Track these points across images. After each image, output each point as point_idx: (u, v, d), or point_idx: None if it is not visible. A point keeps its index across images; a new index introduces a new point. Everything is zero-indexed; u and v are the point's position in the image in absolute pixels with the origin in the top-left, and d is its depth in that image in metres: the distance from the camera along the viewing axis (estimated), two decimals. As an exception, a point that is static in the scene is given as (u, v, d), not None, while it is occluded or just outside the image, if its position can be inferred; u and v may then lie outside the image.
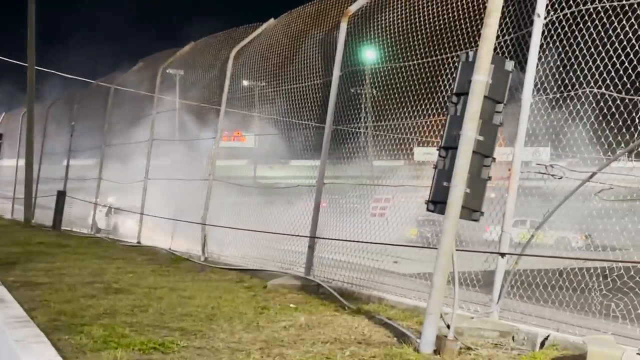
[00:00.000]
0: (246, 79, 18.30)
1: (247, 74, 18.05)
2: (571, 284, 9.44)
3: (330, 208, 13.49)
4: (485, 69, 8.19)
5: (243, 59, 17.59)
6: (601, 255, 9.13)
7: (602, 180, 8.82)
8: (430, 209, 8.47)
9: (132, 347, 7.61)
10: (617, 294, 8.78)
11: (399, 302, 10.64)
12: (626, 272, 8.69)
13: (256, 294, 11.60)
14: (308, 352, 7.75)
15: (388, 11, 12.99)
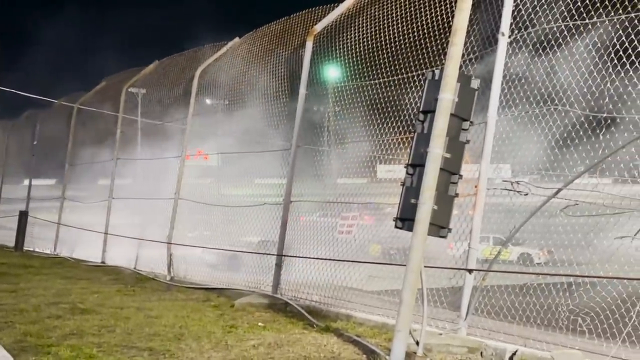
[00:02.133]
0: (212, 98, 18.22)
1: (213, 92, 17.97)
2: (538, 299, 9.49)
3: (296, 225, 13.42)
4: (451, 87, 8.25)
5: (208, 78, 17.54)
6: (568, 271, 9.19)
7: (568, 197, 8.89)
8: (399, 226, 8.47)
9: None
10: (583, 309, 8.85)
11: (367, 319, 10.63)
12: (592, 287, 8.76)
13: (224, 313, 11.52)
14: (278, 371, 7.74)
15: (353, 30, 13.06)
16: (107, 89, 24.10)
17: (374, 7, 12.66)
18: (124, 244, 19.81)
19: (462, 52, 8.43)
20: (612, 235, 8.24)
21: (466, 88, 8.42)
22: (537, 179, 10.22)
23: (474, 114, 8.62)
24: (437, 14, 11.18)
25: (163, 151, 20.91)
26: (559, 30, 9.33)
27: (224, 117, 18.23)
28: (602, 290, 8.80)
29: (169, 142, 20.26)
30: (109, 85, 24.04)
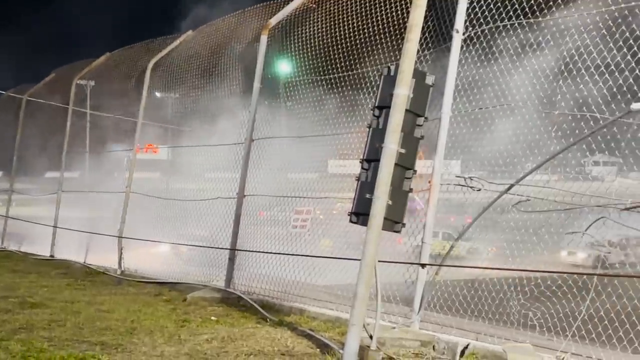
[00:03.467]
0: (164, 91, 18.08)
1: (166, 85, 17.84)
2: (490, 293, 9.60)
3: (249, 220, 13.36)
4: (406, 83, 8.28)
5: (161, 71, 17.39)
6: (520, 266, 9.30)
7: (519, 193, 9.00)
8: (354, 221, 8.48)
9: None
10: (534, 303, 8.97)
11: (320, 314, 10.65)
12: (543, 281, 8.89)
13: (176, 307, 11.44)
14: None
15: (309, 24, 13.07)
16: (56, 80, 23.69)
17: (329, 2, 12.69)
18: (73, 237, 19.56)
19: (417, 49, 8.47)
20: (562, 230, 8.37)
21: (421, 84, 8.46)
22: (488, 175, 10.32)
23: (428, 110, 8.69)
24: (393, 9, 11.25)
25: (114, 144, 20.72)
26: (512, 28, 9.43)
27: (177, 110, 18.12)
28: (553, 285, 8.93)
29: (120, 135, 20.08)
30: (58, 77, 23.63)
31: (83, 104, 22.30)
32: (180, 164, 20.95)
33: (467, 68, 9.81)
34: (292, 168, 14.00)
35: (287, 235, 12.88)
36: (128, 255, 16.56)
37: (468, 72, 9.89)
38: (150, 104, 17.91)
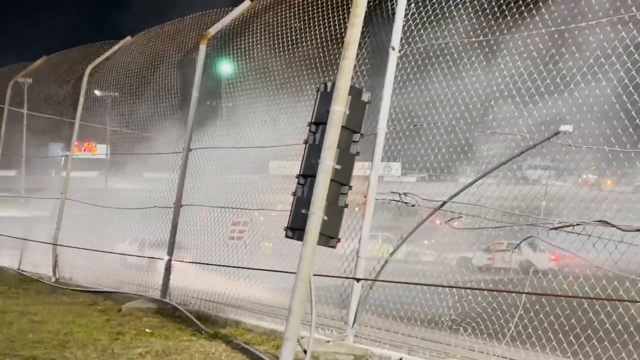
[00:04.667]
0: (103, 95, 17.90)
1: (105, 90, 17.67)
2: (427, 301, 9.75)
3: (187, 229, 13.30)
4: (342, 99, 8.34)
5: (99, 76, 17.21)
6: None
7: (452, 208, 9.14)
8: (289, 236, 8.53)
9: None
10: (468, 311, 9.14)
11: (255, 326, 10.63)
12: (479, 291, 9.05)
13: (110, 318, 11.30)
14: (165, 381, 7.70)
15: (248, 35, 13.08)
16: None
17: (268, 14, 12.70)
18: (6, 243, 19.20)
19: (354, 65, 8.55)
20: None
21: (357, 101, 8.54)
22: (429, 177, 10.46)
23: (364, 125, 8.78)
24: (332, 25, 11.30)
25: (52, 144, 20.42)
26: (446, 47, 9.59)
27: (116, 115, 17.95)
28: (489, 295, 9.10)
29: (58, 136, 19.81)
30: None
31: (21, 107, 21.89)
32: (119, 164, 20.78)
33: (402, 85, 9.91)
34: (233, 170, 13.98)
35: (224, 245, 12.83)
36: (65, 259, 16.30)
37: (404, 88, 10.01)
38: (89, 106, 17.72)
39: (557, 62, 8.53)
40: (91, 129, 18.97)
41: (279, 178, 12.69)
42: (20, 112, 21.64)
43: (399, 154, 10.50)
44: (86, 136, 20.46)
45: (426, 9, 9.88)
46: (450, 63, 9.62)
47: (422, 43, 9.79)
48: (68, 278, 15.93)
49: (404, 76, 9.93)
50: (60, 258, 16.20)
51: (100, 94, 18.39)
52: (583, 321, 8.09)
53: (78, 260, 16.25)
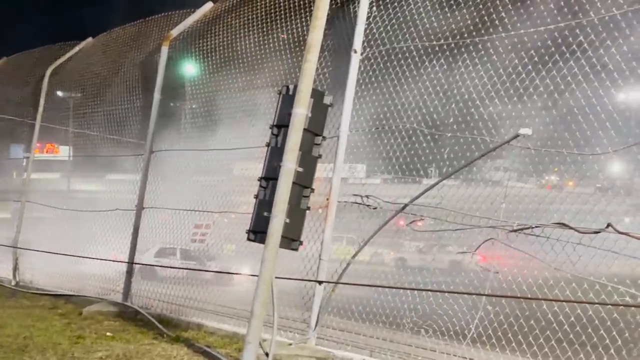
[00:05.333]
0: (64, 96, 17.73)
1: (66, 91, 17.51)
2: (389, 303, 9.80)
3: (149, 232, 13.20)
4: (304, 102, 8.35)
5: (61, 77, 17.04)
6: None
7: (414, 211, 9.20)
8: (251, 239, 8.51)
9: (-63, 385, 7.30)
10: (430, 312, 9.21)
11: (218, 329, 10.58)
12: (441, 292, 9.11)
13: (71, 322, 11.19)
14: (126, 386, 7.66)
15: (211, 37, 13.04)
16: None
17: (230, 16, 12.67)
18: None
19: (316, 68, 8.57)
20: (452, 249, 8.61)
21: (319, 104, 8.54)
22: (393, 178, 10.50)
23: (326, 128, 8.81)
24: (294, 27, 11.31)
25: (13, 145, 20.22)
26: (408, 50, 9.65)
27: (79, 116, 17.79)
28: (450, 297, 9.17)
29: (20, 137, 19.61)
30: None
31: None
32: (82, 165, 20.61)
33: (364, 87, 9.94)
34: (197, 172, 13.93)
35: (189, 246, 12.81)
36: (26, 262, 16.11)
37: (366, 91, 10.04)
38: (51, 107, 17.54)
39: (517, 65, 8.62)
40: (53, 130, 18.76)
41: (243, 180, 12.67)
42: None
43: (367, 156, 10.56)
44: (48, 137, 20.22)
45: (388, 12, 9.93)
46: (412, 66, 9.68)
47: (384, 46, 9.84)
48: (29, 281, 15.76)
49: (366, 79, 9.96)
50: (20, 261, 15.99)
51: (63, 95, 18.22)
52: (542, 322, 8.19)
53: (39, 264, 16.06)
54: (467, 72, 9.12)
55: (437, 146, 9.58)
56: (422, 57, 9.56)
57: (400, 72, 9.78)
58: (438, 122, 9.40)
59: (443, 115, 9.38)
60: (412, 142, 9.81)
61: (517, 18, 8.71)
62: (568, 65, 8.09)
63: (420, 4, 9.74)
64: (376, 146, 10.34)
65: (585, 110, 7.91)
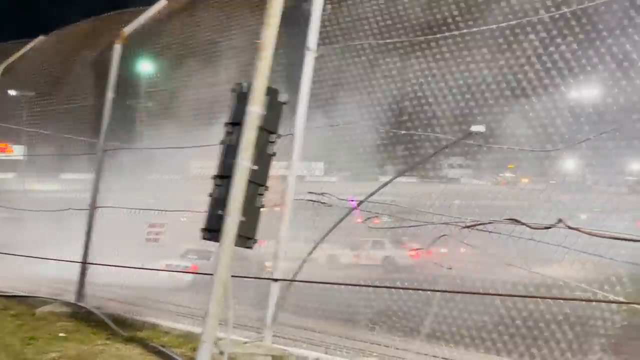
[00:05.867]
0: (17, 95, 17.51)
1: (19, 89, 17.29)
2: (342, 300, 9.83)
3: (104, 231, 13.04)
4: (259, 100, 8.34)
5: (13, 75, 16.80)
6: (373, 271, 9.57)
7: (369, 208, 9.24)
8: (206, 237, 8.45)
9: None
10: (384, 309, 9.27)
11: (172, 328, 10.50)
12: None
13: (24, 323, 11.00)
14: (79, 388, 7.59)
15: (165, 35, 12.98)
16: None
17: (184, 14, 12.63)
18: None
19: (270, 65, 8.56)
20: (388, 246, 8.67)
21: (274, 102, 8.54)
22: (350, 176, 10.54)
23: (282, 126, 8.80)
24: (249, 25, 11.28)
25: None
26: (363, 48, 9.68)
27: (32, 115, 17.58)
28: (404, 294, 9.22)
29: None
30: None
31: None
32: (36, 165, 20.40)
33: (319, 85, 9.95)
34: (152, 170, 13.85)
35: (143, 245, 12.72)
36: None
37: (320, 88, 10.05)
38: (3, 106, 17.31)
39: (469, 63, 8.70)
40: (6, 129, 18.50)
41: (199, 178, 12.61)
42: None
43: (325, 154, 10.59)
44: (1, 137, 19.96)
45: (342, 10, 9.95)
46: (367, 64, 9.71)
47: (338, 44, 9.86)
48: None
49: (320, 76, 9.96)
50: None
51: (16, 94, 17.97)
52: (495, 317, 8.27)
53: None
54: (421, 70, 9.18)
55: (393, 143, 9.64)
56: (376, 55, 9.60)
57: (355, 69, 9.81)
58: (393, 120, 9.45)
59: (398, 112, 9.43)
60: (367, 140, 9.86)
61: (469, 16, 8.79)
62: (519, 63, 8.19)
63: (370, 3, 9.78)
64: (333, 144, 10.37)
65: (536, 108, 8.01)
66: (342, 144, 10.23)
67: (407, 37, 9.37)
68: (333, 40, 9.86)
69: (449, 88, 8.83)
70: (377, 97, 9.61)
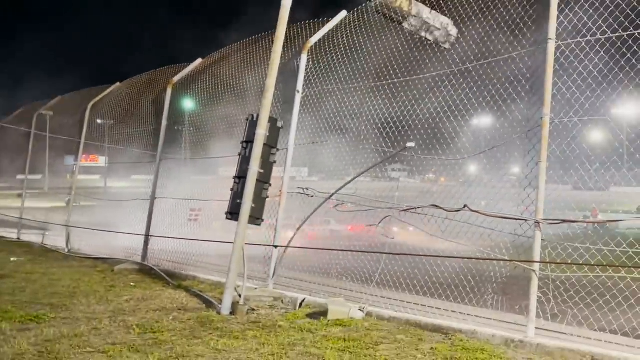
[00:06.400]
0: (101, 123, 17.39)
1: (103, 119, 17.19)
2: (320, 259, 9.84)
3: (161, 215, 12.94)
4: (264, 126, 8.36)
5: (98, 109, 16.66)
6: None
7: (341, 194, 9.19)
8: (229, 218, 8.49)
9: (14, 320, 7.01)
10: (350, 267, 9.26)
11: (207, 279, 10.41)
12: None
13: (106, 276, 10.88)
14: (143, 318, 7.46)
15: (200, 82, 12.94)
16: (24, 113, 22.16)
17: (213, 67, 12.61)
18: (34, 225, 18.42)
19: (272, 102, 8.53)
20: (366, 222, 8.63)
21: (274, 126, 8.58)
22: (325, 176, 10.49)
23: (279, 143, 8.78)
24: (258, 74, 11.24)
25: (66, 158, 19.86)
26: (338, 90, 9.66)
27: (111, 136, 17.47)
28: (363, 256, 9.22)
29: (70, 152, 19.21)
30: (26, 111, 22.11)
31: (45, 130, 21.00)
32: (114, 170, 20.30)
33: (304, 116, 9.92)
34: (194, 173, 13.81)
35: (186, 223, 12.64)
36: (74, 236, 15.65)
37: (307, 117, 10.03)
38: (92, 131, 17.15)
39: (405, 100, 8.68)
40: (95, 146, 18.38)
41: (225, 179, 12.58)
42: (43, 134, 20.75)
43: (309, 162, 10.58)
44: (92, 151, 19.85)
45: (319, 65, 9.93)
46: (336, 101, 9.69)
47: (317, 88, 9.83)
48: (77, 249, 15.30)
49: (305, 109, 9.94)
50: (71, 235, 15.54)
51: (101, 122, 17.84)
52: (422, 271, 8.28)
53: (84, 237, 15.63)
54: (373, 105, 9.17)
55: (354, 155, 9.62)
56: (342, 95, 9.58)
57: (328, 105, 9.79)
58: (354, 139, 9.43)
59: (357, 134, 9.41)
60: (338, 153, 9.85)
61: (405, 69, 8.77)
62: (439, 101, 8.18)
63: (339, 59, 9.75)
64: (314, 155, 10.36)
65: (450, 131, 8.01)
66: (320, 155, 10.21)
67: (363, 83, 9.35)
68: (314, 84, 9.83)
69: (392, 117, 8.82)
70: (344, 123, 9.59)
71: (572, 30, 6.68)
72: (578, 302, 6.71)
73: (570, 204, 7.82)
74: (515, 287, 7.11)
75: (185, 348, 6.14)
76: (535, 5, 7.10)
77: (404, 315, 7.49)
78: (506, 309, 7.42)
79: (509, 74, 7.28)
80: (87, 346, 6.11)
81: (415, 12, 8.73)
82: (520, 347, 6.32)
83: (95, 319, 7.29)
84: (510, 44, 7.23)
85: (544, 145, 6.56)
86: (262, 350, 6.13)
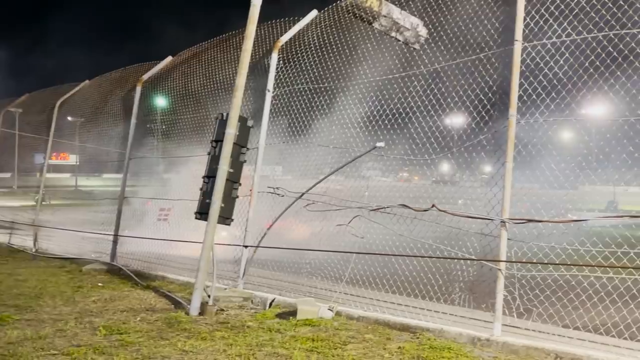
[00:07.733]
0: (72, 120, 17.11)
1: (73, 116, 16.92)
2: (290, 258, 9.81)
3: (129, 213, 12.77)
4: (233, 125, 8.29)
5: (68, 107, 16.36)
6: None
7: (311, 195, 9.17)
8: (198, 218, 8.40)
9: (-24, 323, 6.84)
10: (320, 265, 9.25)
11: (175, 279, 10.29)
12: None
13: (74, 277, 10.69)
14: (110, 319, 7.34)
15: (171, 79, 12.81)
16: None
17: (183, 66, 12.49)
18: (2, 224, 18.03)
19: (242, 101, 8.47)
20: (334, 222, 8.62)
21: (244, 126, 8.51)
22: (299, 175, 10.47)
23: (250, 142, 8.74)
24: (228, 73, 11.16)
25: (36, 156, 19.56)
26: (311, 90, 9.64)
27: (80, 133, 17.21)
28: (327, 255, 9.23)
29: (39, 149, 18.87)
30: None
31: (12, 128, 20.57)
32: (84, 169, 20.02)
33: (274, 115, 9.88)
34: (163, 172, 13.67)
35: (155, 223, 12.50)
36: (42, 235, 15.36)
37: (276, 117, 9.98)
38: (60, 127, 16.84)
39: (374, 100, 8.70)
40: (65, 144, 18.09)
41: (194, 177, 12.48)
42: (12, 132, 20.33)
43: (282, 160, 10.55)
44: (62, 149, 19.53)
45: (289, 64, 9.90)
46: (306, 100, 9.67)
47: (287, 87, 9.80)
48: (45, 249, 15.02)
49: (275, 109, 9.90)
50: (39, 235, 15.24)
51: (71, 119, 17.54)
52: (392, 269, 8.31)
53: (52, 236, 15.37)
54: (343, 105, 9.17)
55: (325, 154, 9.61)
56: (312, 95, 9.56)
57: (298, 104, 9.76)
58: (325, 139, 9.41)
59: (328, 133, 9.40)
60: (309, 152, 9.84)
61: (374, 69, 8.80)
62: (407, 101, 8.21)
63: (310, 58, 9.73)
64: (287, 154, 10.34)
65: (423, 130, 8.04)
66: (292, 154, 10.18)
67: (331, 84, 9.34)
68: (284, 84, 9.80)
69: (362, 117, 8.83)
70: (314, 123, 9.57)
71: (538, 32, 6.76)
72: (543, 300, 6.80)
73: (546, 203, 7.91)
74: (482, 286, 7.17)
75: (152, 349, 6.06)
76: (502, 7, 7.16)
77: (373, 315, 7.50)
78: (473, 307, 7.49)
79: (476, 75, 7.34)
80: (51, 348, 5.99)
81: (386, 12, 8.73)
82: (487, 346, 6.38)
83: (60, 321, 7.15)
84: (477, 46, 7.29)
85: (509, 145, 6.62)
86: (230, 351, 6.08)
